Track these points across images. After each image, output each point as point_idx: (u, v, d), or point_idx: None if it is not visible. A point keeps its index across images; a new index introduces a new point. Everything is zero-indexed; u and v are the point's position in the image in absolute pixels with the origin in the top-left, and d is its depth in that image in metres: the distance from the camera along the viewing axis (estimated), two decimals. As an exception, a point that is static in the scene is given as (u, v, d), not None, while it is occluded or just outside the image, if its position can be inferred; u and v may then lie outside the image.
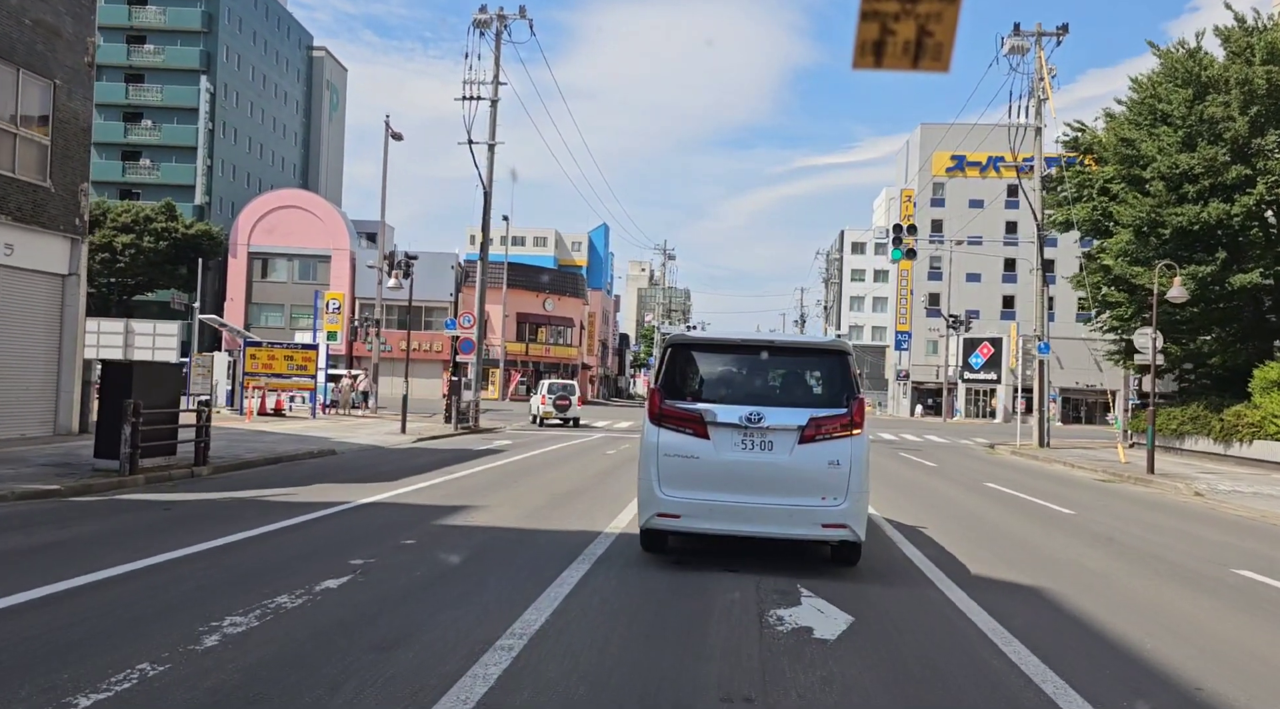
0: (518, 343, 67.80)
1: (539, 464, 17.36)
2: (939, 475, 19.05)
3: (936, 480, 17.81)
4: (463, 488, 12.61)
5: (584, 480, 14.45)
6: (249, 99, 72.05)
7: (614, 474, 15.74)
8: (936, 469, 20.95)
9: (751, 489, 7.38)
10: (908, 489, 15.66)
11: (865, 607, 6.41)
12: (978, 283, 74.23)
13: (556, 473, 15.57)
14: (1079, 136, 30.70)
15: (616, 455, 20.30)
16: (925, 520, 11.30)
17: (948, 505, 13.36)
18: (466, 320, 30.32)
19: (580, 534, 8.96)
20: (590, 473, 15.84)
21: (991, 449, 30.98)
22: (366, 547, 7.86)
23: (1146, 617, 6.63)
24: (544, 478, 14.58)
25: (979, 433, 43.37)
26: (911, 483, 16.95)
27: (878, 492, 14.83)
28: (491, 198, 30.17)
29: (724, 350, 8.18)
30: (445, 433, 25.87)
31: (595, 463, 18.06)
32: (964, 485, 17.03)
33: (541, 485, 13.32)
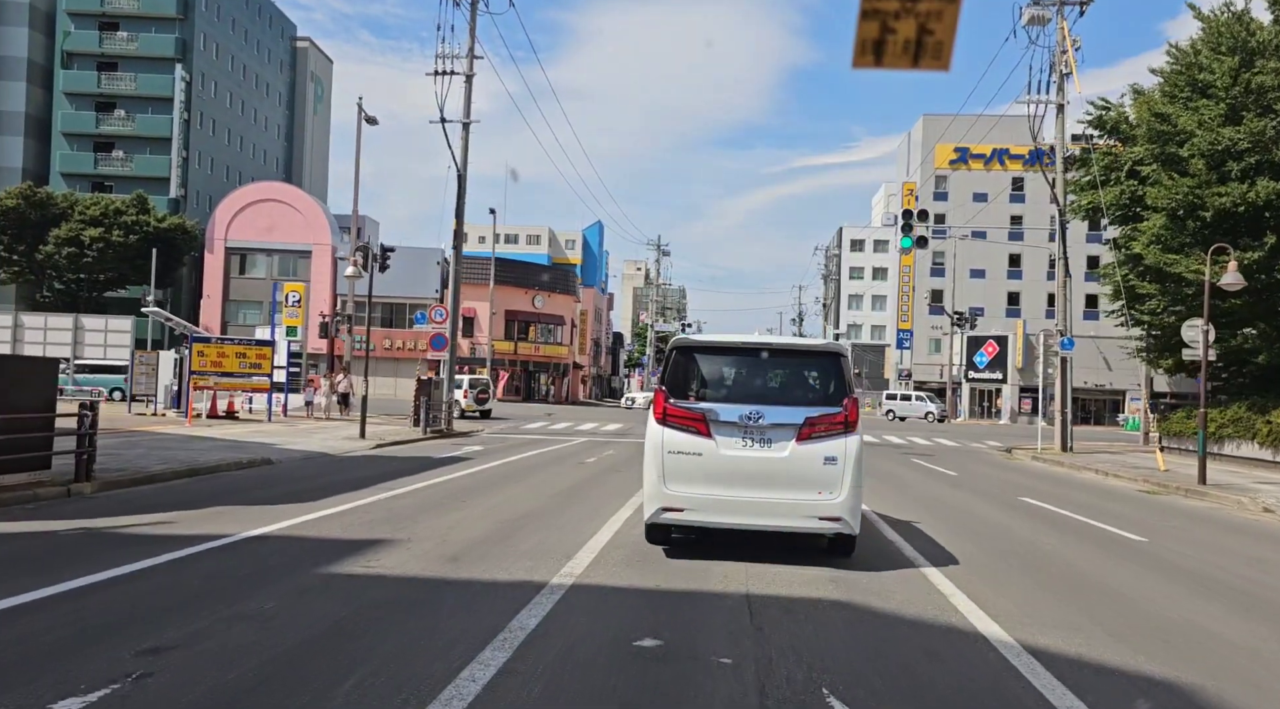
0: (506, 341, 65.33)
1: (501, 476, 14.92)
2: (965, 488, 16.63)
3: (964, 495, 15.40)
4: (392, 512, 10.17)
5: (548, 499, 12.02)
6: (228, 89, 69.51)
7: (587, 489, 13.32)
8: (959, 480, 18.55)
9: (752, 484, 7.73)
10: (936, 507, 13.25)
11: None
12: (982, 279, 71.89)
13: (518, 488, 13.12)
14: (1103, 115, 28.30)
15: (596, 464, 17.87)
16: (970, 554, 8.89)
17: (991, 532, 10.93)
18: (439, 315, 27.87)
19: (516, 588, 6.53)
20: (558, 488, 13.39)
21: (1009, 454, 28.59)
22: (194, 615, 5.43)
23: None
24: (500, 496, 12.13)
25: (988, 435, 41.00)
26: (938, 499, 14.54)
27: (901, 509, 12.46)
28: (466, 181, 27.74)
29: (725, 352, 8.46)
30: (411, 438, 23.43)
31: (568, 474, 15.62)
32: (998, 501, 14.61)
33: (492, 507, 10.88)
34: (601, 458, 19.51)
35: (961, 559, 8.62)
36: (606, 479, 14.80)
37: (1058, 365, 27.27)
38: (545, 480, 14.39)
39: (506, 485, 13.46)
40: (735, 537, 8.78)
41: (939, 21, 2.58)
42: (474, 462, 17.54)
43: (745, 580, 7.15)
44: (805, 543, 8.77)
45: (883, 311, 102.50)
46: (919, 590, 7.08)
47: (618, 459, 19.34)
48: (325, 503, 10.65)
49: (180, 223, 58.57)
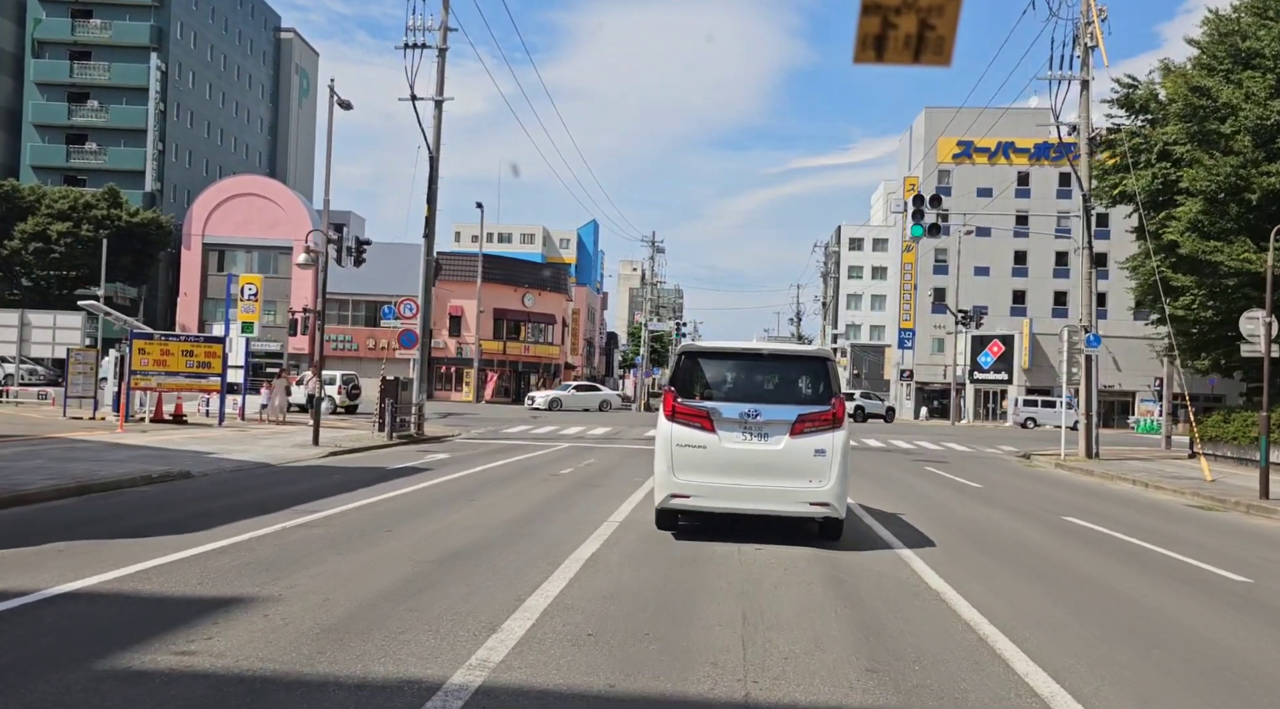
0: (494, 341, 63.01)
1: (453, 494, 12.64)
2: (997, 505, 14.38)
3: (1000, 514, 13.14)
4: (287, 548, 7.90)
5: (497, 527, 9.74)
6: (207, 80, 67.14)
7: (550, 513, 11.04)
8: (984, 492, 16.30)
9: (750, 473, 8.64)
10: (974, 532, 10.99)
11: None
12: (986, 276, 69.65)
13: (465, 512, 10.84)
14: (1131, 94, 26.06)
15: (571, 476, 15.59)
16: (1053, 618, 6.62)
17: (1055, 571, 8.67)
18: (408, 309, 25.61)
19: (396, 692, 4.26)
20: (515, 511, 11.11)
21: (1027, 460, 26.36)
22: None
23: None
24: (439, 522, 9.85)
25: (997, 438, 38.75)
26: (971, 520, 12.29)
27: (932, 534, 10.28)
28: (438, 164, 25.46)
29: (727, 357, 9.40)
30: (373, 444, 21.14)
31: (533, 491, 13.34)
32: (1042, 523, 12.36)
33: (421, 541, 8.59)
34: (579, 468, 17.23)
35: (1046, 625, 6.35)
36: (578, 498, 12.54)
37: (1081, 364, 25.01)
38: (504, 499, 12.11)
39: (454, 507, 11.17)
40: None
41: (940, 17, 2.59)
42: (431, 473, 15.26)
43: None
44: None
45: (882, 311, 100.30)
46: (995, 674, 4.82)
47: (597, 469, 17.08)
48: (210, 535, 8.37)
49: (154, 217, 56.24)
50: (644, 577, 7.13)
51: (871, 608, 6.48)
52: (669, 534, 9.40)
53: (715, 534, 9.46)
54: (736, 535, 9.33)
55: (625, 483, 14.47)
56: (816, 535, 9.24)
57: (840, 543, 9.25)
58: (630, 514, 10.99)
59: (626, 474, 16.11)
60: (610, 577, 7.05)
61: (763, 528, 9.86)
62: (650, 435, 29.07)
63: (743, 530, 9.69)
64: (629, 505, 11.68)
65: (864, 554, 8.78)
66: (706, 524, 9.92)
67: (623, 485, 14.09)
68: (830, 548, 8.94)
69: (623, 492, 13.16)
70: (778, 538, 9.28)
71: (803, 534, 9.49)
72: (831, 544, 9.12)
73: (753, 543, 9.01)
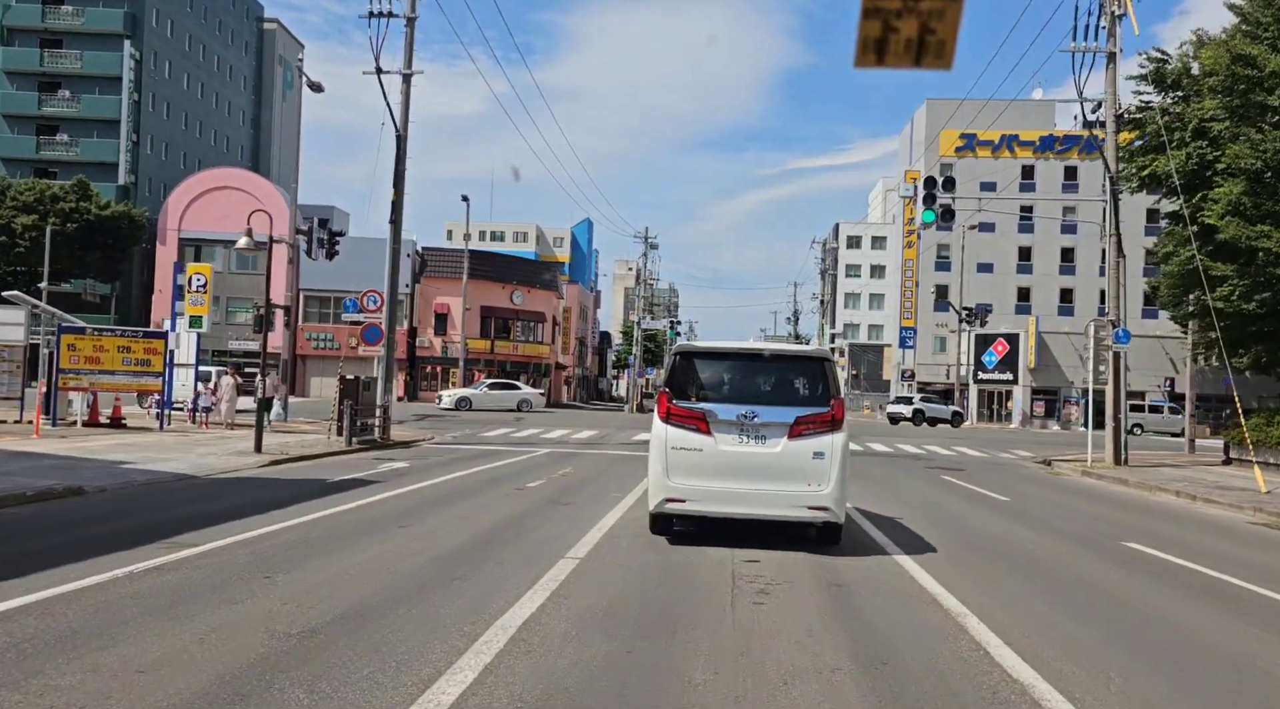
0: (482, 340, 60.80)
1: (390, 515, 10.45)
2: (1033, 523, 12.22)
3: (1040, 536, 10.96)
4: (103, 609, 5.71)
5: (419, 569, 7.53)
6: (184, 70, 64.84)
7: (500, 543, 8.86)
8: (1015, 508, 14.16)
9: (748, 477, 8.39)
10: (1017, 561, 8.85)
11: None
12: (989, 273, 67.49)
13: (388, 545, 8.63)
14: (1161, 68, 23.92)
15: (539, 490, 13.40)
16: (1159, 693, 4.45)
17: (1143, 626, 6.50)
18: (372, 301, 23.43)
19: None
20: (451, 544, 8.90)
21: (1049, 467, 24.24)
22: None
23: None
24: (342, 563, 7.63)
25: (1006, 441, 36.62)
26: (1006, 542, 10.14)
27: (963, 564, 8.23)
28: (406, 143, 23.29)
29: (723, 357, 9.24)
30: (328, 450, 18.95)
31: (489, 511, 11.14)
32: (1098, 551, 10.19)
33: (304, 593, 6.39)
34: (552, 479, 15.04)
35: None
36: (538, 522, 10.36)
37: (1109, 361, 22.86)
38: (445, 525, 9.91)
39: (377, 537, 8.97)
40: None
41: (941, 20, 2.59)
42: (377, 487, 13.07)
43: None
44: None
45: (880, 311, 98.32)
46: None
47: (572, 481, 14.89)
48: (18, 585, 6.18)
49: (126, 211, 53.99)
50: (598, 666, 4.92)
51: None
52: (648, 574, 7.30)
53: (709, 566, 7.31)
54: (732, 560, 7.16)
55: (600, 500, 12.29)
56: (814, 540, 9.09)
57: (866, 584, 7.17)
58: (599, 545, 8.82)
59: (605, 488, 13.94)
60: (545, 665, 4.86)
61: (758, 541, 8.94)
62: (639, 439, 26.88)
63: (738, 547, 7.55)
64: (598, 532, 9.51)
65: (894, 596, 6.64)
66: (702, 527, 9.43)
67: (598, 503, 11.91)
68: (856, 595, 6.81)
69: (596, 513, 10.99)
70: (779, 546, 8.42)
71: (804, 541, 9.13)
72: (856, 592, 7.00)
73: (750, 599, 6.84)
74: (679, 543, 8.90)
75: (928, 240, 68.25)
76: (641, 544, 8.86)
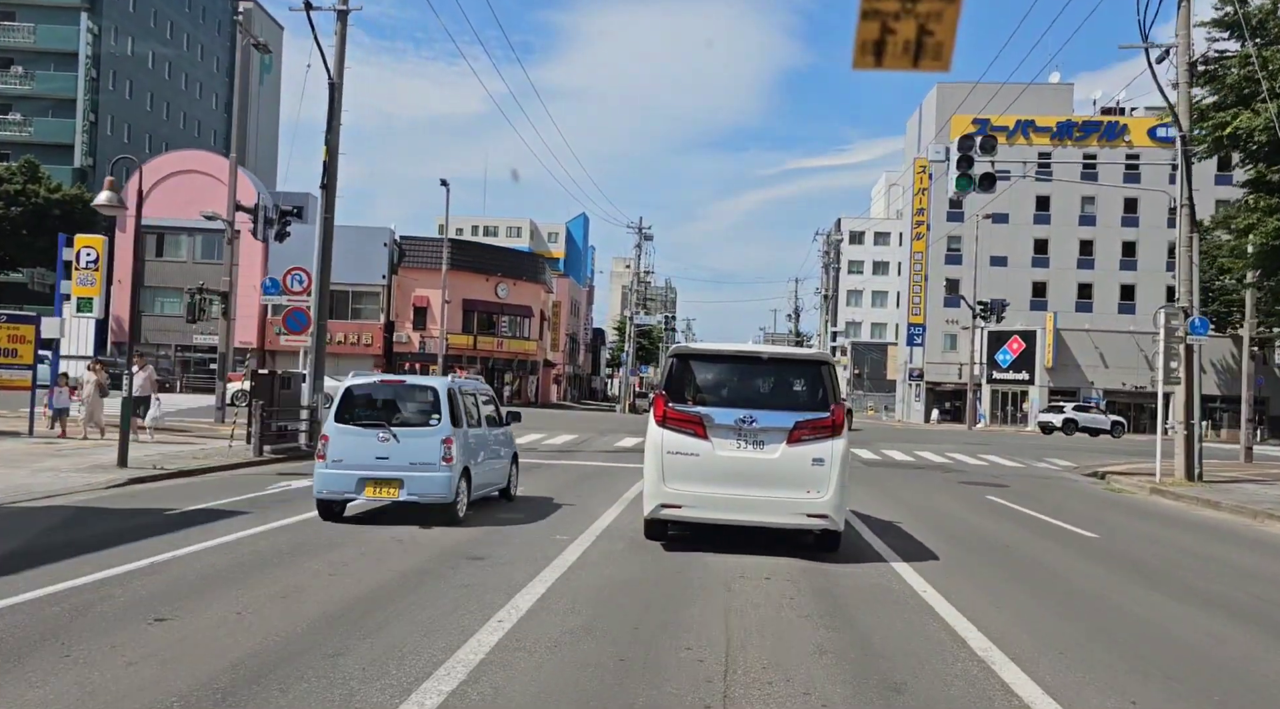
0: (464, 335, 56.98)
1: (158, 596, 6.65)
2: (1150, 579, 8.44)
3: (1186, 608, 7.14)
4: None
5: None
6: (148, 47, 60.95)
7: (303, 662, 5.02)
8: (1108, 548, 10.44)
9: (745, 483, 8.19)
10: (1208, 684, 5.04)
11: None
12: (1003, 267, 63.62)
13: (88, 675, 4.82)
14: (1242, 9, 20.10)
15: (454, 529, 9.59)
16: None
17: None
18: (297, 280, 19.65)
19: None
20: (204, 673, 5.09)
21: (1102, 481, 20.56)
22: None
23: None
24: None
25: (1036, 447, 32.86)
26: (1149, 625, 6.31)
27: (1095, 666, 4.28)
28: (341, 94, 19.52)
29: (721, 360, 8.98)
30: (226, 463, 15.17)
31: (335, 585, 7.30)
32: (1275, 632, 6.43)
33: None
34: (488, 506, 11.24)
35: None
36: (421, 598, 6.56)
37: (1181, 357, 19.07)
38: (245, 613, 6.07)
39: (86, 647, 5.17)
40: None
41: (939, 22, 2.64)
42: (237, 521, 9.31)
43: None
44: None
45: (883, 308, 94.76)
46: None
47: (514, 509, 11.09)
48: None
49: (79, 194, 50.12)
50: None
51: None
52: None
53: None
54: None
55: (538, 546, 8.52)
56: (812, 547, 8.69)
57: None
58: (497, 661, 5.01)
59: (557, 522, 10.16)
60: None
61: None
62: (622, 446, 23.17)
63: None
64: (502, 626, 5.70)
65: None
66: (697, 533, 8.83)
67: (532, 553, 8.14)
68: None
69: (520, 575, 7.21)
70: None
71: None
72: None
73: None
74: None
75: (937, 232, 64.49)
76: (584, 645, 5.11)
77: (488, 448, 11.07)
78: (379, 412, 10.26)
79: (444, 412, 9.89)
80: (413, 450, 9.66)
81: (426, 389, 10.33)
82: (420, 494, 9.61)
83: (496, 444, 11.56)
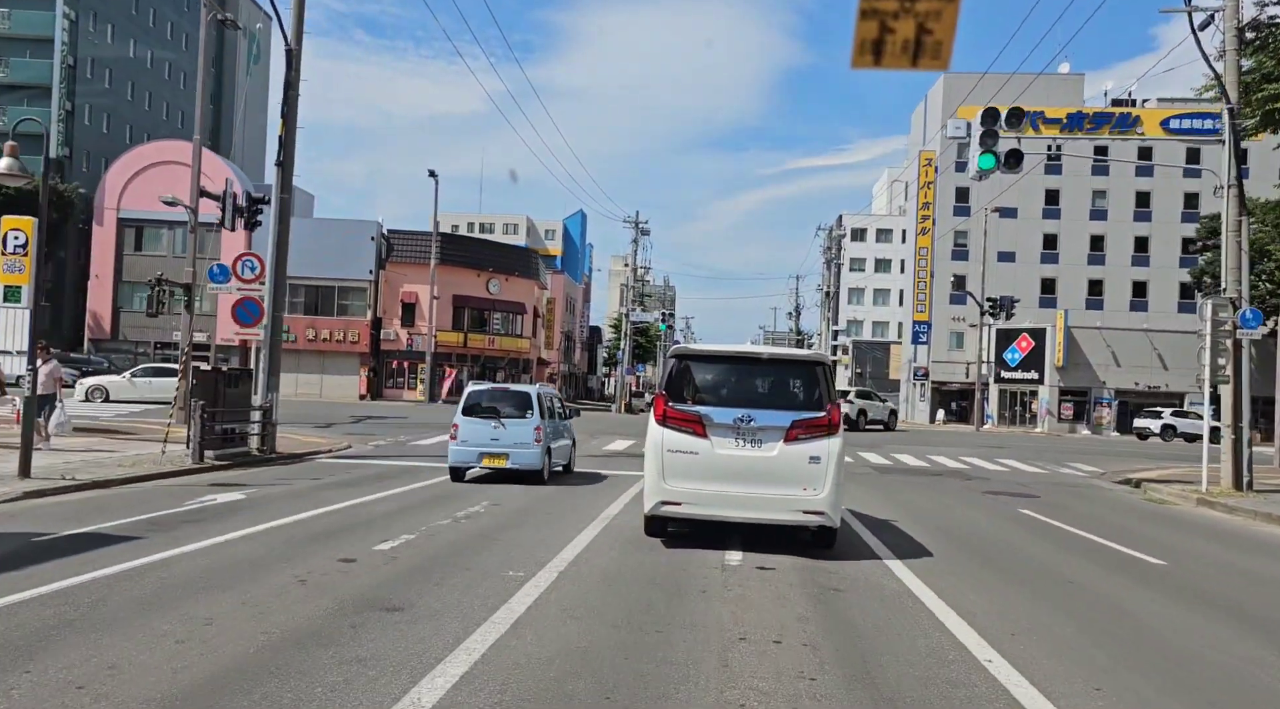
0: (453, 332, 55.09)
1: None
2: (1247, 625, 6.55)
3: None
4: None
5: None
6: (129, 35, 59.05)
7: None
8: (1180, 581, 8.64)
9: (743, 480, 8.36)
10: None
11: None
12: (1011, 263, 61.73)
13: None
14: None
15: (376, 570, 7.66)
16: None
17: None
18: (248, 267, 17.73)
19: None
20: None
21: (1139, 490, 18.71)
22: None
23: None
24: None
25: (1055, 450, 31.00)
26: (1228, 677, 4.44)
27: None
28: (299, 60, 17.63)
29: (720, 361, 9.11)
30: (153, 472, 13.29)
31: (160, 662, 5.44)
32: None
33: None
34: (431, 531, 9.33)
35: None
36: (275, 688, 4.65)
37: (1230, 352, 17.16)
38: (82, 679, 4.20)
39: None
40: None
41: (938, 21, 2.62)
42: (121, 552, 7.42)
43: None
44: None
45: (885, 306, 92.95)
46: None
47: (462, 537, 9.16)
48: None
49: (51, 185, 48.15)
50: None
51: None
52: None
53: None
54: None
55: (473, 594, 6.63)
56: (809, 543, 8.80)
57: None
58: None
59: (504, 553, 8.27)
60: None
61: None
62: (612, 450, 21.23)
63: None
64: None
65: None
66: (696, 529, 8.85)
67: (463, 602, 6.25)
68: None
69: (428, 653, 5.33)
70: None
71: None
72: None
73: None
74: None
75: (943, 226, 62.65)
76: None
77: (559, 434, 15.28)
78: (491, 407, 14.19)
79: (535, 408, 14.04)
80: (515, 434, 13.83)
81: (523, 393, 14.66)
82: (520, 464, 13.77)
83: (564, 432, 15.83)
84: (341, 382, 54.16)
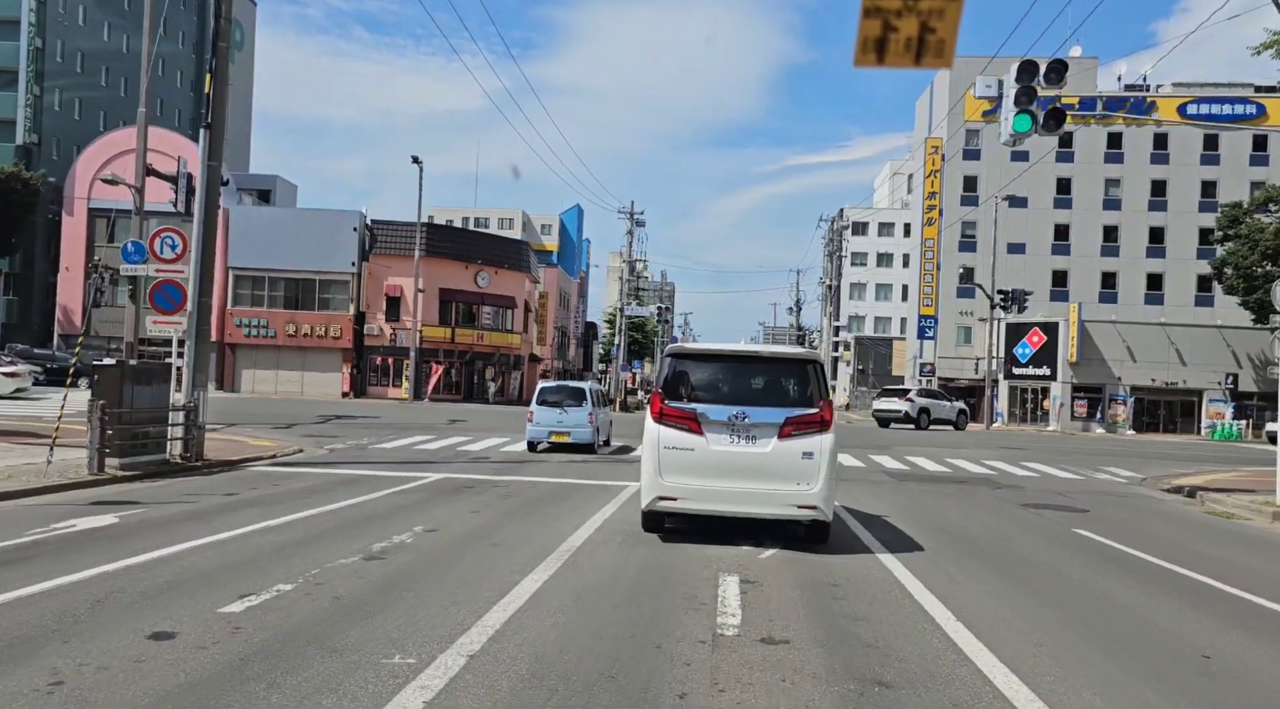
0: (440, 327, 52.82)
1: None
2: None
3: None
4: None
5: None
6: (102, 19, 56.71)
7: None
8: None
9: (738, 476, 8.57)
10: None
11: None
12: (1021, 254, 59.39)
13: None
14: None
15: (241, 635, 5.39)
16: None
17: None
18: (168, 246, 15.46)
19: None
20: None
21: (1192, 498, 16.48)
22: None
23: None
24: None
25: (1081, 452, 28.71)
26: None
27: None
28: (231, 5, 15.30)
29: (715, 359, 9.24)
30: (29, 487, 11.00)
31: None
32: None
33: None
34: (284, 597, 7.04)
35: None
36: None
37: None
38: None
39: None
40: None
41: (941, 20, 2.66)
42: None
43: None
44: None
45: (887, 301, 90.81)
46: None
47: (374, 582, 6.84)
48: None
49: (15, 172, 45.94)
50: None
51: None
52: None
53: None
54: None
55: (351, 679, 4.33)
56: (803, 538, 8.99)
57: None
58: None
59: (420, 599, 5.98)
60: None
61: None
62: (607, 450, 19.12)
63: None
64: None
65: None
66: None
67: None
68: None
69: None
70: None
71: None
72: None
73: None
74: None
75: (950, 217, 60.32)
76: None
77: (603, 418, 20.54)
78: (557, 399, 19.31)
79: (588, 398, 19.41)
80: (574, 418, 19.02)
81: (579, 388, 19.89)
82: (579, 441, 19.00)
83: (606, 416, 21.15)
84: (324, 379, 51.91)
